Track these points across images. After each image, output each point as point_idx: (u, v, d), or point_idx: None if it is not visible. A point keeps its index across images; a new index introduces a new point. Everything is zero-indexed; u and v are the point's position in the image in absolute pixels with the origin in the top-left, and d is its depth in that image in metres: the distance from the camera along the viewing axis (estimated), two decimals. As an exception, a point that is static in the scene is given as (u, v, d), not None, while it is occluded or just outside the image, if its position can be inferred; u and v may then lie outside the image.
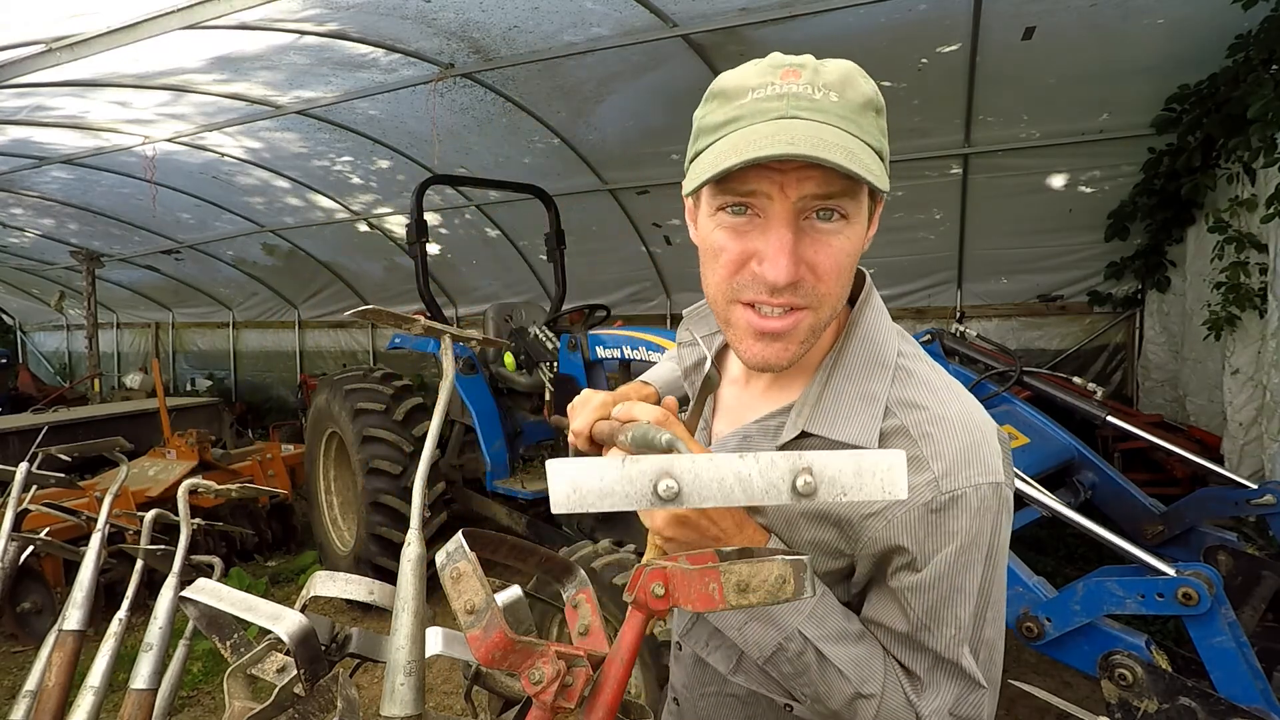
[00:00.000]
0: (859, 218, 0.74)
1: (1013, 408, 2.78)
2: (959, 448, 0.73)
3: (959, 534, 0.72)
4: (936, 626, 0.74)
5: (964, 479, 0.72)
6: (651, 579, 0.58)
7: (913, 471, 0.72)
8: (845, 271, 0.75)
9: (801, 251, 0.72)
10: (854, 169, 0.66)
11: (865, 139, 0.72)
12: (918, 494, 0.72)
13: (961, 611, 0.74)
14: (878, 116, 0.75)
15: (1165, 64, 4.18)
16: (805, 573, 0.53)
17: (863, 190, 0.73)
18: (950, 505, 0.71)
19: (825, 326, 0.78)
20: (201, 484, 1.37)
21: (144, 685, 1.17)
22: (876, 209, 0.79)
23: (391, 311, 0.98)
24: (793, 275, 0.72)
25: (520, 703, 0.95)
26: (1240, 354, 3.91)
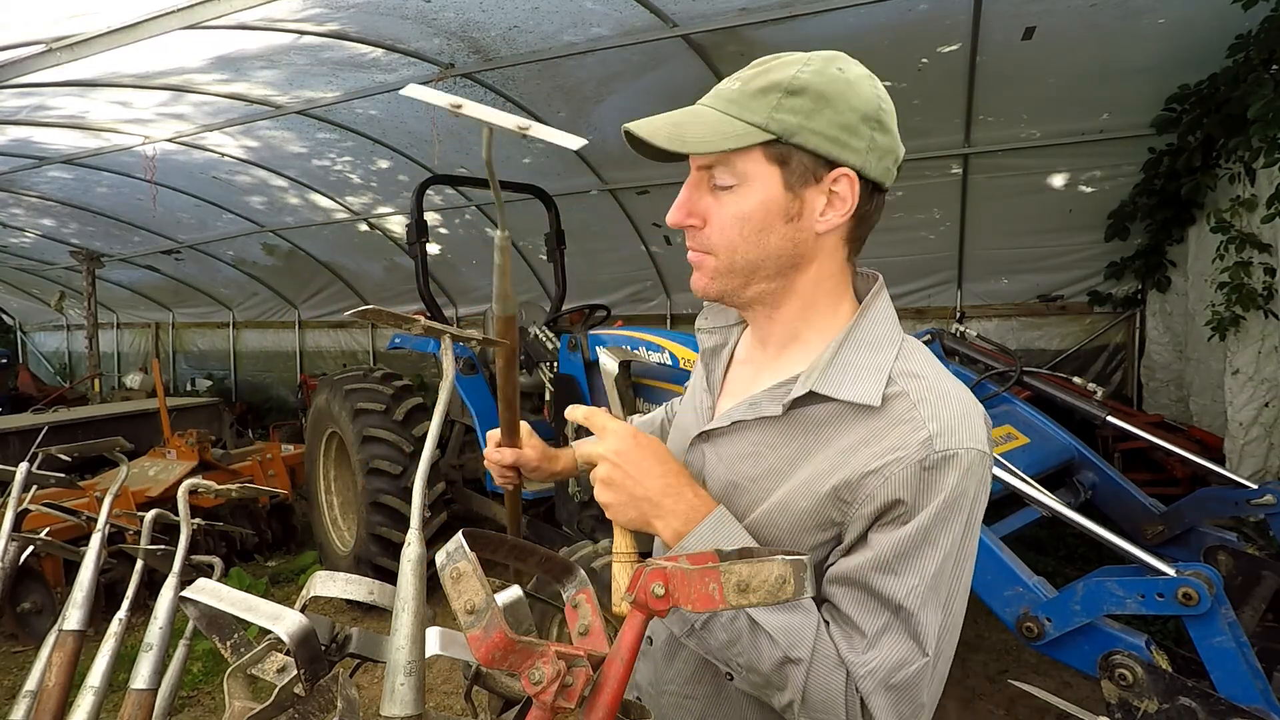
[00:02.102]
0: (752, 186, 0.83)
1: (1013, 408, 2.78)
2: (952, 413, 0.79)
3: (945, 490, 0.77)
4: (903, 573, 0.77)
5: (956, 441, 0.78)
6: (651, 579, 0.58)
7: (910, 430, 0.78)
8: (732, 227, 0.85)
9: (693, 205, 0.88)
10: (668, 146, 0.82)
11: (738, 115, 0.82)
12: (914, 452, 0.77)
13: (929, 565, 0.78)
14: (788, 96, 0.80)
15: (1165, 64, 4.18)
16: (805, 572, 0.53)
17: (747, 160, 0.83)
18: (942, 464, 0.77)
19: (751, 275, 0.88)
20: (201, 484, 1.37)
21: (144, 685, 1.17)
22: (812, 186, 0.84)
23: (391, 311, 0.97)
24: (675, 221, 0.89)
25: (520, 703, 0.95)
26: (1241, 354, 3.92)
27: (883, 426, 0.80)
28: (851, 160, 0.82)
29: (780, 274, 0.88)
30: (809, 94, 0.80)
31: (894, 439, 0.79)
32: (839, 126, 0.81)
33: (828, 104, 0.80)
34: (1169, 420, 5.01)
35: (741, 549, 0.69)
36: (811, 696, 0.79)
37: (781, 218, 0.84)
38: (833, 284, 0.92)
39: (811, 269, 0.89)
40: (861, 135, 0.82)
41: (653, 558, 0.78)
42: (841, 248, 0.91)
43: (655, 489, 0.85)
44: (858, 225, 0.90)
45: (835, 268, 0.91)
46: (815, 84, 0.81)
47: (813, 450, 0.84)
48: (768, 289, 0.90)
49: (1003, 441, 2.50)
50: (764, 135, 0.80)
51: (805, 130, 0.80)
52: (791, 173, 0.83)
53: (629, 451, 0.87)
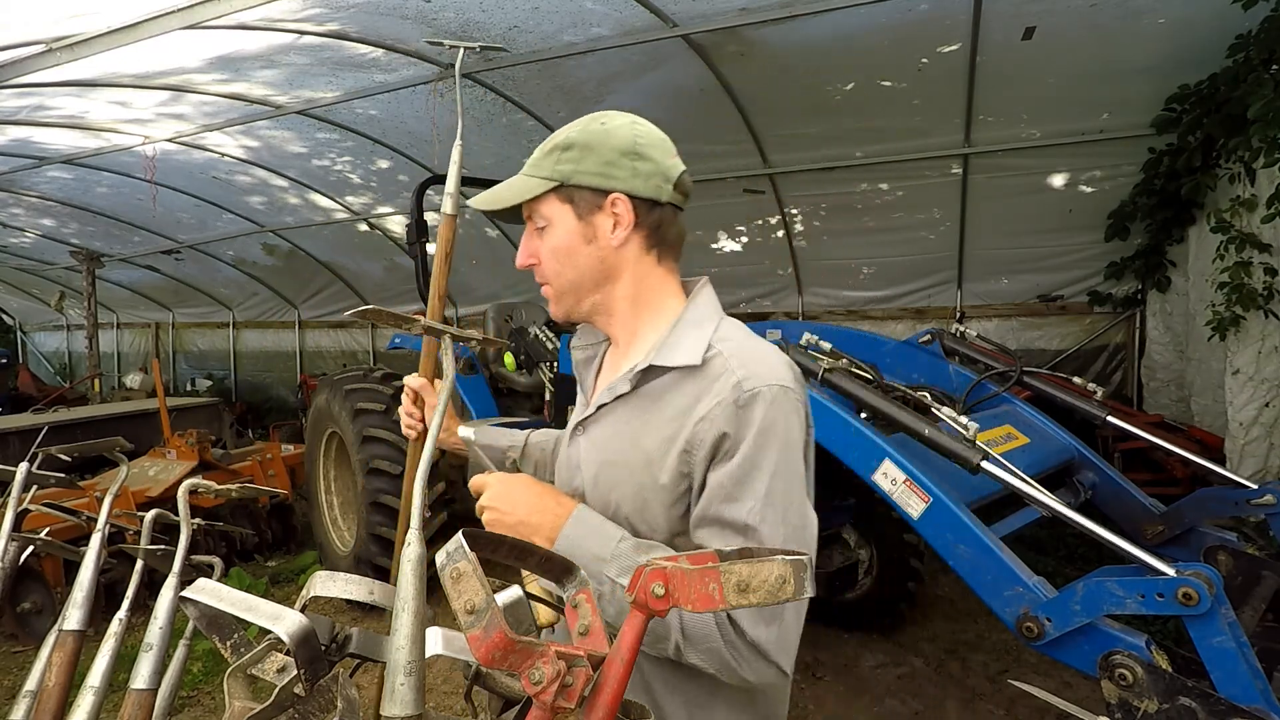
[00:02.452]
0: (556, 225, 1.07)
1: (1013, 408, 2.78)
2: (756, 361, 0.99)
3: (757, 420, 0.94)
4: (742, 497, 0.94)
5: (760, 381, 0.96)
6: (652, 579, 0.58)
7: (725, 379, 0.97)
8: (552, 258, 1.09)
9: (529, 249, 1.12)
10: (491, 207, 1.10)
11: (534, 173, 1.07)
12: (729, 394, 0.95)
13: (760, 485, 0.94)
14: (562, 152, 1.05)
15: (1165, 64, 4.18)
16: (805, 572, 0.53)
17: (547, 205, 1.07)
18: (751, 400, 0.95)
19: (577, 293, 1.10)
20: (202, 484, 1.37)
21: (144, 685, 1.17)
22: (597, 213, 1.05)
23: (391, 311, 0.98)
24: (520, 263, 1.14)
25: (520, 703, 0.94)
26: (1241, 354, 3.91)
27: (706, 382, 0.98)
28: (619, 186, 1.03)
29: (599, 286, 1.09)
30: (576, 146, 1.04)
31: (715, 390, 0.97)
32: (603, 164, 1.03)
33: (591, 150, 1.03)
34: (1169, 420, 5.01)
35: (741, 549, 0.69)
36: (691, 633, 0.92)
37: (582, 241, 1.06)
38: (653, 284, 1.10)
39: (625, 276, 1.09)
40: (623, 167, 1.03)
41: (654, 559, 0.78)
42: (647, 254, 1.09)
43: (524, 512, 1.04)
44: (653, 233, 1.08)
45: (647, 271, 1.10)
46: (580, 138, 1.04)
47: (658, 414, 1.02)
48: (597, 300, 1.11)
49: (1003, 441, 2.50)
50: (551, 184, 1.05)
51: (579, 173, 1.03)
52: (579, 206, 1.05)
53: (499, 492, 1.07)
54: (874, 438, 2.13)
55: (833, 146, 5.39)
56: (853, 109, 4.91)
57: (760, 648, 0.91)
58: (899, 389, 2.30)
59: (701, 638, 0.92)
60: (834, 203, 5.95)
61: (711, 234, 6.75)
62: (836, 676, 3.31)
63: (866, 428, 2.16)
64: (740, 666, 0.92)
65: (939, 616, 3.89)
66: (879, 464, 2.10)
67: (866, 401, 2.19)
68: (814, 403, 2.29)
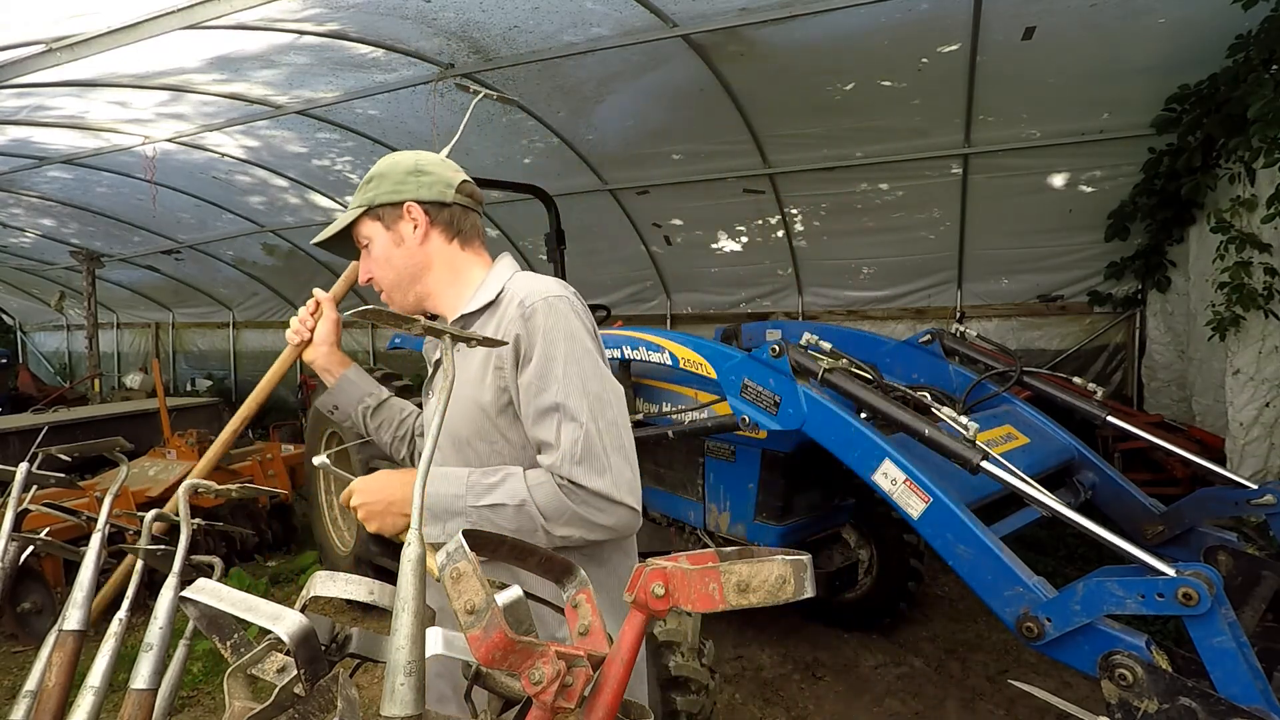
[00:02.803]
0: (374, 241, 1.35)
1: (1013, 408, 2.77)
2: (531, 287, 1.25)
3: (541, 325, 1.19)
4: (547, 384, 1.17)
5: (535, 296, 1.22)
6: (652, 579, 0.58)
7: (513, 305, 1.23)
8: (378, 267, 1.36)
9: (366, 268, 1.39)
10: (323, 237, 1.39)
11: (354, 204, 1.35)
12: (516, 311, 1.21)
13: (558, 369, 1.17)
14: (366, 185, 1.34)
15: (1165, 64, 4.18)
16: (805, 572, 0.53)
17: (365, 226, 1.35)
18: (533, 312, 1.20)
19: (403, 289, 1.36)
20: (202, 484, 1.37)
21: (144, 685, 1.17)
22: (400, 221, 1.33)
23: (392, 311, 0.98)
24: (362, 281, 1.40)
25: (520, 703, 0.94)
26: (1241, 354, 3.91)
27: (500, 311, 1.26)
28: (409, 195, 1.32)
29: (417, 278, 1.36)
30: (375, 177, 1.34)
31: (507, 314, 1.23)
32: (395, 184, 1.32)
33: (385, 176, 1.34)
34: (1169, 420, 5.01)
35: (741, 549, 0.69)
36: (545, 509, 1.14)
37: (394, 246, 1.34)
38: (461, 265, 1.37)
39: (437, 264, 1.35)
40: (410, 182, 1.32)
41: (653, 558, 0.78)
42: (449, 244, 1.36)
43: (388, 493, 1.22)
44: (448, 227, 1.35)
45: (453, 255, 1.37)
46: (377, 170, 1.35)
47: (475, 354, 1.27)
48: (420, 290, 1.37)
49: (1003, 441, 2.50)
50: (362, 209, 1.34)
51: (379, 194, 1.32)
52: (386, 220, 1.34)
53: (363, 487, 1.24)
54: (874, 438, 2.13)
55: (833, 146, 5.39)
56: (853, 109, 4.91)
57: (605, 494, 1.15)
58: (899, 389, 2.30)
59: (557, 511, 1.14)
60: (834, 203, 5.95)
61: (711, 234, 6.75)
62: (836, 676, 3.31)
63: (866, 428, 2.16)
64: (597, 517, 1.15)
65: (939, 616, 3.89)
66: (879, 464, 2.10)
67: (866, 401, 2.19)
68: (814, 403, 2.29)
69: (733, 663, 3.42)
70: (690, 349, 2.79)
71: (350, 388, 1.59)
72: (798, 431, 2.34)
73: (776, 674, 3.34)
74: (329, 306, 1.56)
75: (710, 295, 7.35)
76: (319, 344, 1.56)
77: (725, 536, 3.15)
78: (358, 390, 1.59)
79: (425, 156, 1.37)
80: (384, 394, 1.62)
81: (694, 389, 3.10)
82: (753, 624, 3.75)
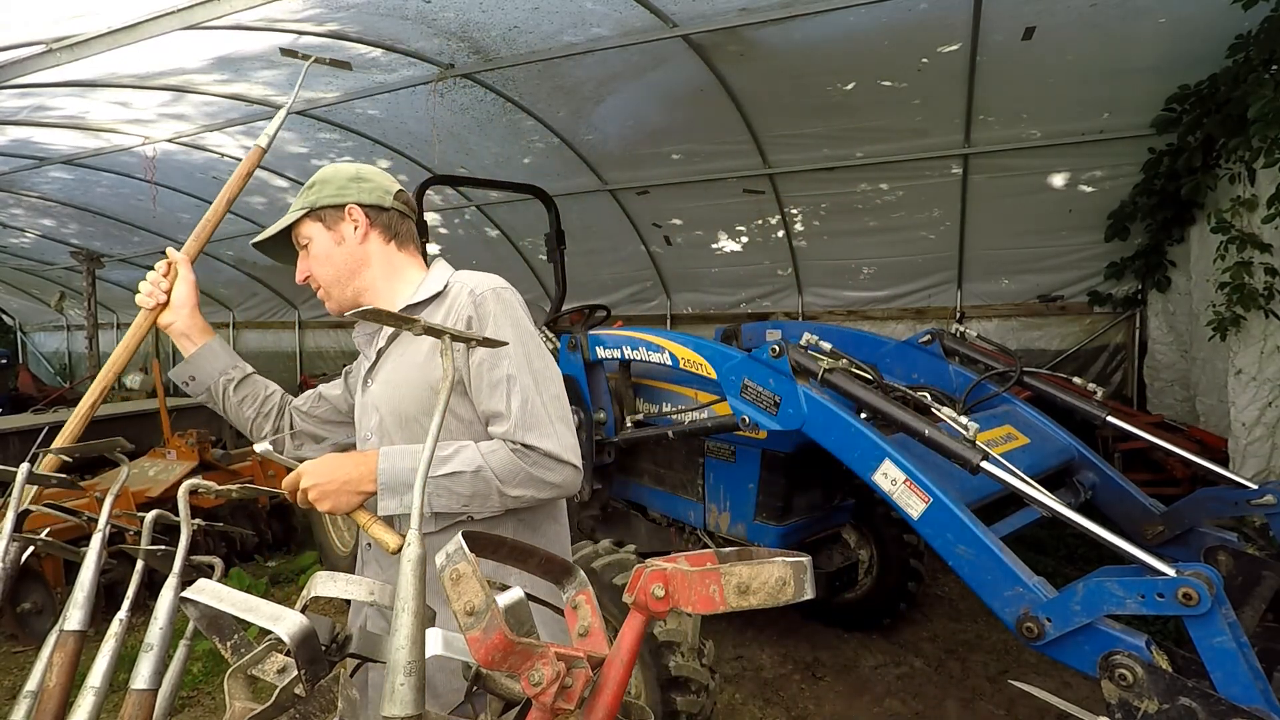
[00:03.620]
0: (315, 241, 1.46)
1: (1013, 408, 2.77)
2: (477, 280, 1.40)
3: (492, 311, 1.34)
4: (499, 362, 1.30)
5: (483, 287, 1.37)
6: (652, 580, 0.58)
7: (462, 294, 1.37)
8: (318, 264, 1.47)
9: (304, 266, 1.50)
10: (263, 237, 1.51)
11: (296, 206, 1.47)
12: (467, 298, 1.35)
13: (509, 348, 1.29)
14: (308, 190, 1.46)
15: (1165, 64, 4.18)
16: (805, 574, 0.53)
17: (305, 227, 1.47)
18: (483, 300, 1.35)
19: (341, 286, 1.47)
20: (202, 484, 1.37)
21: (144, 685, 1.17)
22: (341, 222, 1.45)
23: (392, 312, 0.98)
24: (299, 279, 1.52)
25: (520, 704, 0.94)
26: (1243, 354, 3.90)
27: (449, 300, 1.40)
28: (350, 200, 1.44)
29: (355, 275, 1.47)
30: (318, 182, 1.46)
31: (457, 302, 1.37)
32: (337, 189, 1.45)
33: (328, 182, 1.46)
34: (1169, 420, 5.01)
35: (740, 549, 0.69)
36: (500, 472, 1.25)
37: (334, 245, 1.45)
38: (398, 264, 1.49)
39: (375, 263, 1.47)
40: (351, 188, 1.45)
41: (653, 559, 0.78)
42: (387, 245, 1.48)
43: (342, 474, 1.25)
44: (386, 229, 1.48)
45: (391, 255, 1.48)
46: (320, 176, 1.47)
47: (422, 339, 1.35)
48: (358, 285, 1.48)
49: (1003, 442, 2.50)
50: (303, 211, 1.45)
51: (321, 198, 1.44)
52: (326, 222, 1.45)
53: (314, 469, 1.26)
54: (874, 438, 2.13)
55: (833, 146, 5.39)
56: (853, 109, 4.91)
57: (553, 454, 1.27)
58: (899, 389, 2.30)
59: (511, 473, 1.25)
60: (834, 203, 5.95)
61: (712, 234, 6.75)
62: (836, 676, 3.31)
63: (866, 428, 2.16)
64: (547, 475, 1.27)
65: (939, 616, 3.89)
66: (879, 464, 2.10)
67: (866, 402, 2.19)
68: (814, 403, 2.29)
69: (733, 663, 3.42)
70: (690, 349, 2.79)
71: (212, 358, 1.59)
72: (798, 432, 2.34)
73: (776, 674, 3.34)
74: (185, 266, 1.57)
75: (710, 295, 7.35)
76: (177, 307, 1.57)
77: (725, 537, 3.15)
78: (220, 362, 1.59)
79: (365, 167, 1.50)
80: (248, 369, 1.63)
81: (694, 389, 3.10)
82: (753, 624, 3.75)
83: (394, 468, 1.25)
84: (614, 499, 3.52)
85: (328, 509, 1.26)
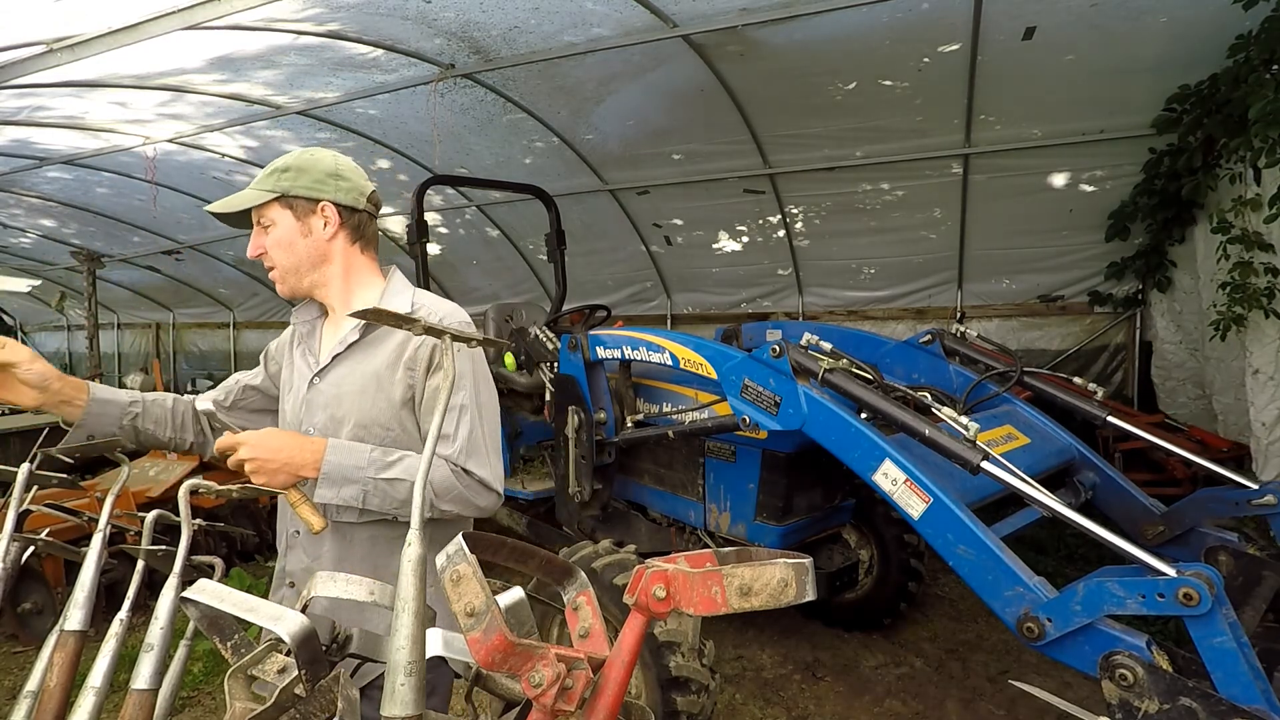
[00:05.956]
0: (279, 225, 1.45)
1: (1013, 408, 2.77)
2: (444, 309, 1.47)
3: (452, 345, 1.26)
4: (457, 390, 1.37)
5: (450, 320, 1.43)
6: (653, 581, 0.58)
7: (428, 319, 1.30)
8: (276, 248, 1.45)
9: (258, 242, 1.47)
10: (223, 210, 1.47)
11: (259, 187, 1.44)
12: None
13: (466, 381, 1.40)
14: (282, 173, 1.44)
15: (1165, 64, 4.18)
16: (807, 575, 0.53)
17: (271, 210, 1.44)
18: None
19: (298, 273, 1.47)
20: (202, 484, 1.37)
21: (145, 685, 1.17)
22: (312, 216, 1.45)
23: (392, 312, 0.98)
24: (251, 253, 1.49)
25: (521, 705, 0.94)
26: (1259, 354, 3.87)
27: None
28: (327, 197, 1.44)
29: (315, 268, 1.47)
30: (293, 168, 1.44)
31: None
32: (314, 181, 1.44)
33: (305, 171, 1.44)
34: (1170, 420, 5.01)
35: (739, 550, 0.69)
36: (437, 486, 1.32)
37: (300, 236, 1.45)
38: (359, 266, 1.51)
39: (337, 260, 1.48)
40: (329, 184, 1.45)
41: (653, 560, 0.78)
42: (352, 245, 1.49)
43: (286, 454, 1.30)
44: (355, 230, 1.49)
45: (354, 257, 1.50)
46: (295, 163, 1.45)
47: (383, 350, 1.42)
48: (315, 278, 1.48)
49: (1003, 442, 2.50)
50: (273, 195, 1.43)
51: (296, 187, 1.43)
52: (296, 211, 1.44)
53: (258, 442, 1.30)
54: (874, 438, 2.12)
55: (833, 146, 5.39)
56: (853, 109, 4.91)
57: (486, 482, 1.37)
58: (899, 389, 2.30)
59: (447, 490, 1.33)
60: (834, 203, 5.95)
61: (712, 234, 6.75)
62: (837, 677, 3.31)
63: (867, 428, 2.16)
64: (476, 499, 1.37)
65: (939, 616, 3.89)
66: (879, 464, 2.10)
67: (867, 402, 2.19)
68: (814, 403, 2.29)
69: (733, 663, 3.42)
70: (691, 349, 2.79)
71: (106, 408, 1.46)
72: (798, 432, 2.34)
73: (777, 674, 3.34)
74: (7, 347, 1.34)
75: (710, 295, 7.35)
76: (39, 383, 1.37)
77: (725, 537, 3.15)
78: (116, 407, 1.47)
79: (344, 162, 1.50)
80: (138, 394, 1.54)
81: (694, 389, 3.10)
82: (753, 624, 3.75)
83: (340, 462, 1.31)
84: (614, 499, 3.52)
85: (260, 483, 1.30)
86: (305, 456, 1.31)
